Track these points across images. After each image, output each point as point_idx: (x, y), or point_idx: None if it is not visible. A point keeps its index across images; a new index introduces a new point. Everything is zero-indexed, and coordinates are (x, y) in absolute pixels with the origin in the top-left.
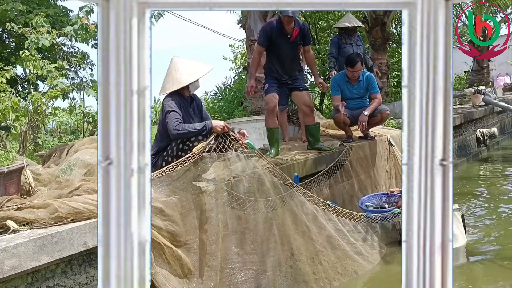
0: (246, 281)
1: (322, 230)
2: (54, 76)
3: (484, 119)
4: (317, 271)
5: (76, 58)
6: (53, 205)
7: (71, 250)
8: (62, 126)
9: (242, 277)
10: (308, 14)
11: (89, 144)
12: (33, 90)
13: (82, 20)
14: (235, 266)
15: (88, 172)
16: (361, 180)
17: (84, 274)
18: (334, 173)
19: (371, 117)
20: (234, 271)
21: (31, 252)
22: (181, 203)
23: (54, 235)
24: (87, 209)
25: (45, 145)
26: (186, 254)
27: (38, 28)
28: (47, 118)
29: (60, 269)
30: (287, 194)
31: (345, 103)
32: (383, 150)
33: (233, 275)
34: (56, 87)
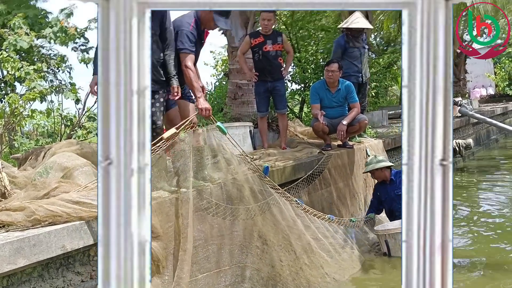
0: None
1: (303, 235)
2: (32, 78)
3: (460, 130)
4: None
5: (55, 60)
6: (30, 208)
7: (49, 254)
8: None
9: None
10: (289, 23)
11: (66, 148)
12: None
13: (61, 23)
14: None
15: (65, 176)
16: (339, 188)
17: (61, 278)
18: (313, 180)
19: (349, 125)
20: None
21: (8, 254)
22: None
23: (31, 237)
24: (64, 212)
25: (21, 147)
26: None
27: (17, 30)
28: (24, 120)
29: (36, 273)
30: (271, 199)
31: (324, 113)
32: (361, 158)
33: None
34: (34, 89)
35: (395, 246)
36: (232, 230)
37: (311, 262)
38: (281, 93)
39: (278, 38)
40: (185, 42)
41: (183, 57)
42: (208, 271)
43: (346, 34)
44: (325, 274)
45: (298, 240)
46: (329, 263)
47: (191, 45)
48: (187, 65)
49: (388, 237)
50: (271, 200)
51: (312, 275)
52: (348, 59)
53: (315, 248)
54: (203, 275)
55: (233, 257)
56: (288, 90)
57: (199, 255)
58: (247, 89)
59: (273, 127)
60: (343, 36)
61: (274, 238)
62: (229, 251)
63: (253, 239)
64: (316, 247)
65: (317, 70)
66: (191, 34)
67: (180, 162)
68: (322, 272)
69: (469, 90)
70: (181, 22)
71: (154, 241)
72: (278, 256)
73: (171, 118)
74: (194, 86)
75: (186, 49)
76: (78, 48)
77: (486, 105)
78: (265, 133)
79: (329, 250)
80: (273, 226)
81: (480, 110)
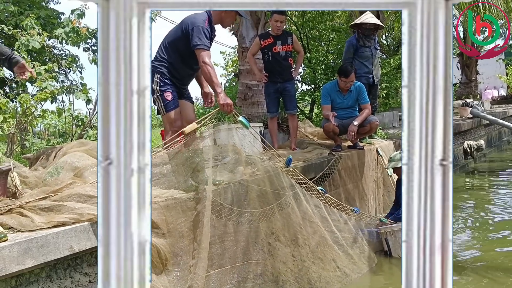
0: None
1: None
2: (43, 78)
3: (471, 132)
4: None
5: (66, 61)
6: (37, 222)
7: (57, 254)
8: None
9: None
10: (300, 24)
11: (77, 148)
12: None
13: (73, 23)
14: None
15: (76, 175)
16: (348, 190)
17: (69, 279)
18: (323, 182)
19: (360, 127)
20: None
21: (16, 255)
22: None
23: (39, 238)
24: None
25: (32, 147)
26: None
27: (29, 30)
28: (35, 120)
29: (44, 273)
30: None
31: (335, 114)
32: (372, 160)
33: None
34: (45, 89)
35: (395, 244)
36: (246, 227)
37: (324, 256)
38: (291, 94)
39: (288, 39)
40: (202, 38)
41: (201, 53)
42: (220, 267)
43: (357, 32)
44: (337, 267)
45: (313, 234)
46: (341, 257)
47: (207, 42)
48: (205, 61)
49: (389, 235)
50: (293, 194)
51: (324, 269)
52: (359, 60)
53: (329, 241)
54: (215, 271)
55: (246, 254)
56: (298, 91)
57: (212, 251)
58: (257, 90)
59: (283, 128)
60: (355, 36)
61: (288, 234)
62: (242, 248)
63: (266, 236)
64: (330, 241)
65: (327, 71)
66: (207, 30)
67: (200, 158)
68: (334, 265)
69: (481, 92)
70: (195, 18)
71: (162, 238)
72: (291, 252)
73: (172, 119)
74: (214, 81)
75: (204, 45)
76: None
77: (498, 106)
78: (275, 134)
79: (342, 244)
80: (288, 222)
81: (491, 111)
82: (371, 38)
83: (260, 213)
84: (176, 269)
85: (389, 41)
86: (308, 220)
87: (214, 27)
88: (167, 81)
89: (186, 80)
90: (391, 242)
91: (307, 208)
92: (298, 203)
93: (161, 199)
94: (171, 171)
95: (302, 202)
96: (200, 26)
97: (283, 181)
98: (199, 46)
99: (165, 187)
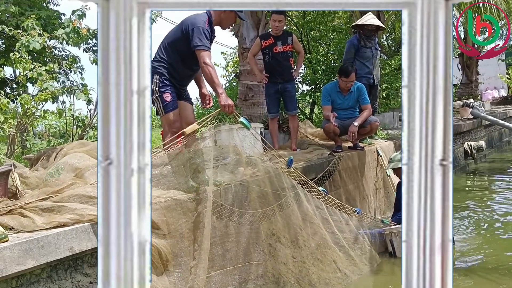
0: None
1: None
2: (44, 79)
3: (472, 132)
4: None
5: (67, 61)
6: (37, 223)
7: (57, 255)
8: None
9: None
10: (300, 24)
11: (78, 148)
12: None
13: (74, 24)
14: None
15: (76, 176)
16: (349, 191)
17: (69, 280)
18: (323, 182)
19: (361, 127)
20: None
21: (17, 256)
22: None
23: (40, 239)
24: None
25: (33, 148)
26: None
27: (30, 31)
28: (36, 121)
29: (45, 274)
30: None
31: (336, 114)
32: (372, 160)
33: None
34: (46, 90)
35: (400, 245)
36: (247, 228)
37: (324, 257)
38: (291, 94)
39: (289, 39)
40: (203, 39)
41: (202, 54)
42: (221, 268)
43: (359, 33)
44: (337, 269)
45: (313, 235)
46: (341, 258)
47: (208, 42)
48: (206, 62)
49: (393, 236)
50: (294, 195)
51: (324, 270)
52: (359, 60)
53: (329, 243)
54: (216, 272)
55: (246, 255)
56: (298, 92)
57: (213, 252)
58: (258, 91)
59: (284, 128)
60: (356, 36)
61: (288, 235)
62: (243, 249)
63: (267, 237)
64: (330, 242)
65: (328, 72)
66: (207, 31)
67: (201, 159)
68: (334, 267)
69: (481, 92)
70: (195, 19)
71: (162, 239)
72: (291, 253)
73: (171, 120)
74: (215, 82)
75: (204, 46)
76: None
77: (499, 107)
78: (276, 134)
79: (343, 245)
80: (288, 223)
81: (492, 112)
82: (372, 38)
83: (261, 214)
84: (177, 270)
85: (390, 42)
86: (309, 221)
87: (214, 28)
88: (166, 82)
89: (186, 81)
90: (396, 243)
91: (308, 209)
92: (299, 204)
93: (162, 200)
94: (172, 172)
95: (303, 203)
96: (200, 27)
97: (284, 182)
98: (199, 47)
99: (165, 188)
